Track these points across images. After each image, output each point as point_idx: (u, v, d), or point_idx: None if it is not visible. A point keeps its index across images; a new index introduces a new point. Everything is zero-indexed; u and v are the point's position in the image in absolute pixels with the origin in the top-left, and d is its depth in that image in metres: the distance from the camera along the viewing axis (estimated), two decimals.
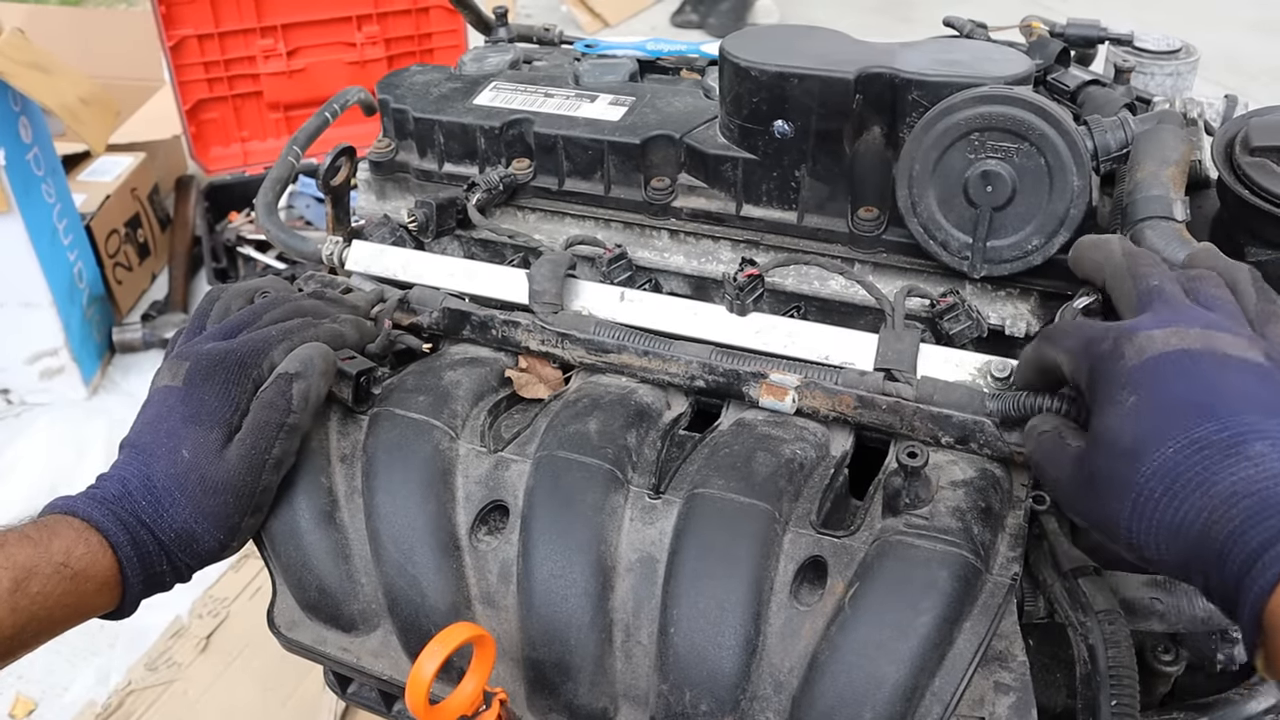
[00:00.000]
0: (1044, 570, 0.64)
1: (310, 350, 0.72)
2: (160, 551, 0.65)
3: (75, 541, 0.61)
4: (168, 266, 2.85)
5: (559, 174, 0.90)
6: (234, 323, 0.73)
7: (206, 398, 0.67)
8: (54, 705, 1.74)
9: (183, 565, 0.67)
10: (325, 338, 0.74)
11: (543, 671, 0.67)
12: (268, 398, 0.69)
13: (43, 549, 0.59)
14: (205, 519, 0.66)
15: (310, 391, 0.70)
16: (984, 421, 0.68)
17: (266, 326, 0.73)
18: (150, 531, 0.64)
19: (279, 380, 0.70)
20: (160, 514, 0.65)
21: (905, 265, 0.81)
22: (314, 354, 0.72)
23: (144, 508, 0.64)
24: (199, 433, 0.66)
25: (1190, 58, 1.01)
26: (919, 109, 0.74)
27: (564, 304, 0.81)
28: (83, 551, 0.61)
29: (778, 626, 0.64)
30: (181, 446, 0.66)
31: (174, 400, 0.68)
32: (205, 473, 0.66)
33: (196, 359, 0.69)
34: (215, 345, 0.70)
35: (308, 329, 0.74)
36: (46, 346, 2.36)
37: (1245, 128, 0.70)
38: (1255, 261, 0.68)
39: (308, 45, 2.89)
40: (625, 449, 0.71)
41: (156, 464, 0.65)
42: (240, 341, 0.71)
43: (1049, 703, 0.75)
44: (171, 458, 0.66)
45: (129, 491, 0.64)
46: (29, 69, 2.16)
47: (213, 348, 0.70)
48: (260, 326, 0.73)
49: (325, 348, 0.73)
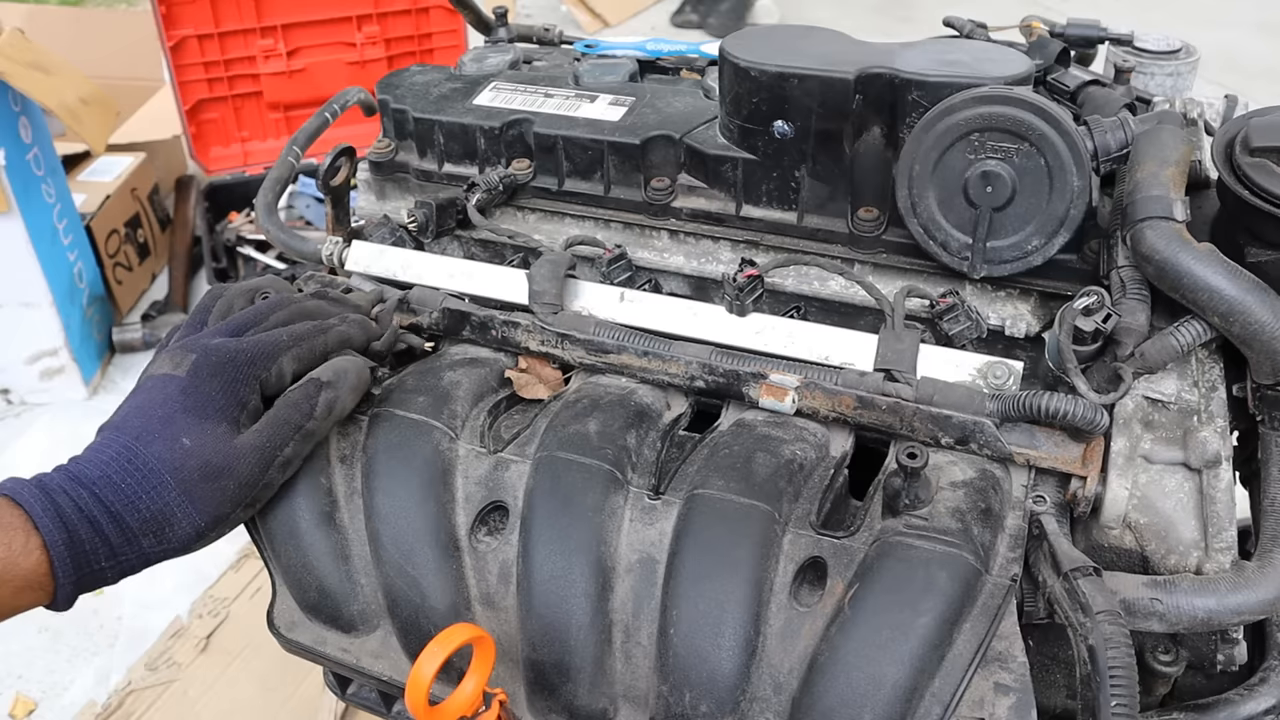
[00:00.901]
0: (1044, 571, 0.64)
1: (346, 363, 0.73)
2: (103, 545, 0.62)
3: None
4: (168, 266, 2.86)
5: (559, 174, 0.90)
6: (240, 321, 0.73)
7: (213, 392, 0.67)
8: (54, 705, 1.74)
9: (139, 555, 0.64)
10: (334, 342, 0.74)
11: (542, 672, 0.67)
12: (294, 398, 0.69)
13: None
14: (192, 503, 0.64)
15: (336, 403, 0.71)
16: (984, 422, 0.68)
17: (274, 329, 0.73)
18: (107, 521, 0.62)
19: (309, 384, 0.70)
20: (139, 496, 0.63)
21: (905, 266, 0.81)
22: (349, 367, 0.72)
23: (116, 491, 0.62)
24: (201, 423, 0.66)
25: (1190, 58, 1.01)
26: (919, 109, 0.74)
27: (564, 304, 0.81)
28: (3, 555, 0.59)
29: (777, 627, 0.64)
30: (181, 434, 0.65)
31: (173, 390, 0.67)
32: (208, 459, 0.65)
33: (205, 352, 0.69)
34: (224, 341, 0.70)
35: (317, 336, 0.73)
36: (46, 346, 2.36)
37: (1245, 128, 0.70)
38: (1255, 262, 0.68)
39: (308, 45, 2.88)
40: (625, 450, 0.71)
41: (150, 447, 0.64)
42: (251, 341, 0.70)
43: (1049, 703, 0.75)
44: (169, 444, 0.64)
45: (106, 475, 0.63)
46: (29, 69, 2.16)
47: (221, 343, 0.70)
48: (268, 327, 0.73)
49: (362, 362, 0.74)
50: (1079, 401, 0.65)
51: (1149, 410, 0.68)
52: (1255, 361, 0.66)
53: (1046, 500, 0.68)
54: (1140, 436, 0.67)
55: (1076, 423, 0.65)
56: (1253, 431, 0.71)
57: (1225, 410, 0.68)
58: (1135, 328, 0.67)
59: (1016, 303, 0.79)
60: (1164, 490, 0.66)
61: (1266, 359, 0.64)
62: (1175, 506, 0.66)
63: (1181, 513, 0.66)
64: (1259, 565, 0.64)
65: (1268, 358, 0.64)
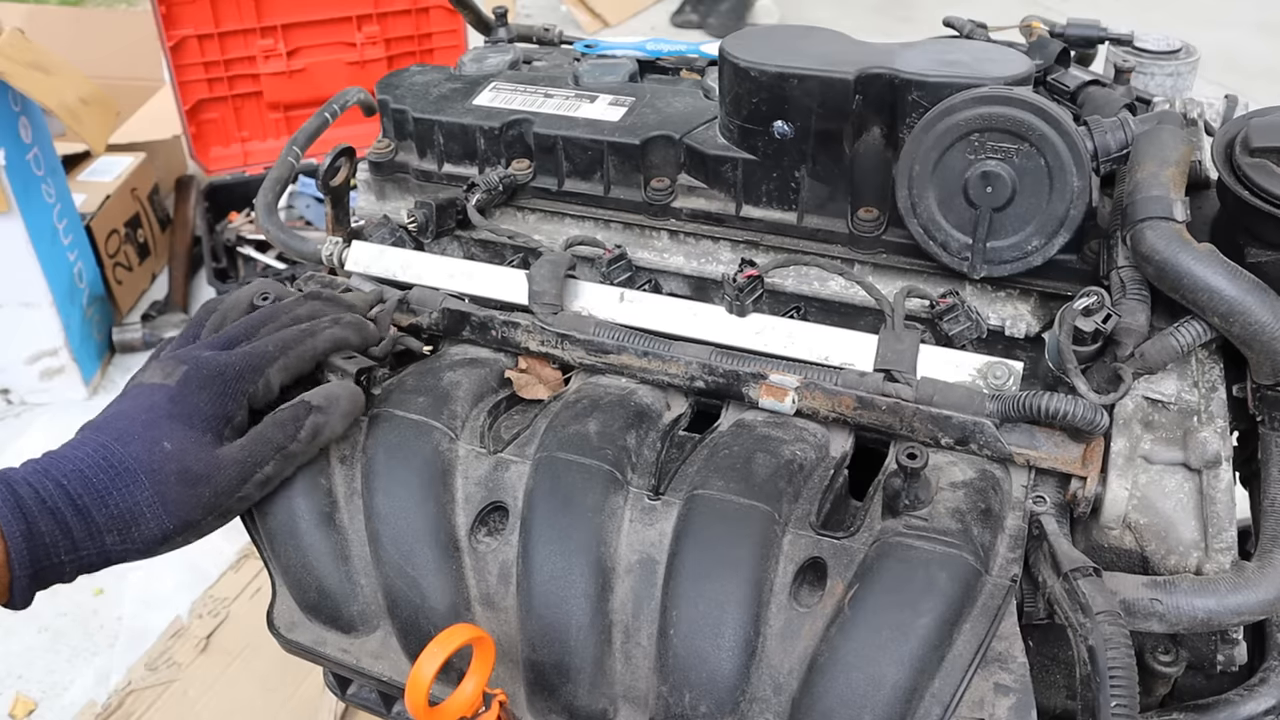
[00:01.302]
0: (1044, 571, 0.64)
1: (339, 389, 0.73)
2: (64, 538, 0.62)
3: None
4: (168, 266, 2.86)
5: (559, 174, 0.90)
6: (232, 334, 0.73)
7: (200, 404, 0.68)
8: (54, 705, 1.74)
9: (100, 551, 0.64)
10: (324, 345, 0.75)
11: (542, 673, 0.67)
12: (281, 417, 0.70)
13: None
14: (163, 505, 0.64)
15: (324, 429, 0.71)
16: (984, 422, 0.68)
17: (264, 339, 0.73)
18: (72, 514, 0.62)
19: (299, 406, 0.70)
20: (109, 491, 0.63)
21: (905, 266, 0.81)
22: (342, 394, 0.73)
23: (87, 485, 0.63)
24: (186, 431, 0.66)
25: (1190, 58, 1.01)
26: (919, 109, 0.74)
27: (564, 305, 0.81)
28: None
29: (777, 628, 0.64)
30: (164, 439, 0.65)
31: (160, 398, 0.67)
32: (187, 464, 0.65)
33: (195, 364, 0.69)
34: (214, 355, 0.70)
35: (305, 340, 0.74)
36: (46, 346, 2.36)
37: (1245, 128, 0.70)
38: (1255, 262, 0.68)
39: (308, 45, 2.88)
40: (625, 450, 0.71)
41: (128, 447, 0.65)
42: (238, 355, 0.71)
43: (1049, 703, 0.75)
44: (149, 447, 0.65)
45: (79, 470, 0.63)
46: (29, 69, 2.16)
47: (211, 357, 0.70)
48: (258, 339, 0.73)
49: (356, 390, 0.74)
50: (1079, 402, 0.65)
51: (1149, 410, 0.68)
52: (1255, 362, 0.66)
53: (1046, 500, 0.68)
54: (1140, 437, 0.67)
55: (1076, 423, 0.65)
56: (1253, 431, 0.71)
57: (1225, 410, 0.68)
58: (1135, 328, 0.67)
59: (1016, 303, 0.79)
60: (1164, 490, 0.66)
61: (1266, 359, 0.64)
62: (1175, 507, 0.66)
63: (1181, 513, 0.66)
64: (1259, 565, 0.64)
65: (1268, 358, 0.64)
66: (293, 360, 0.72)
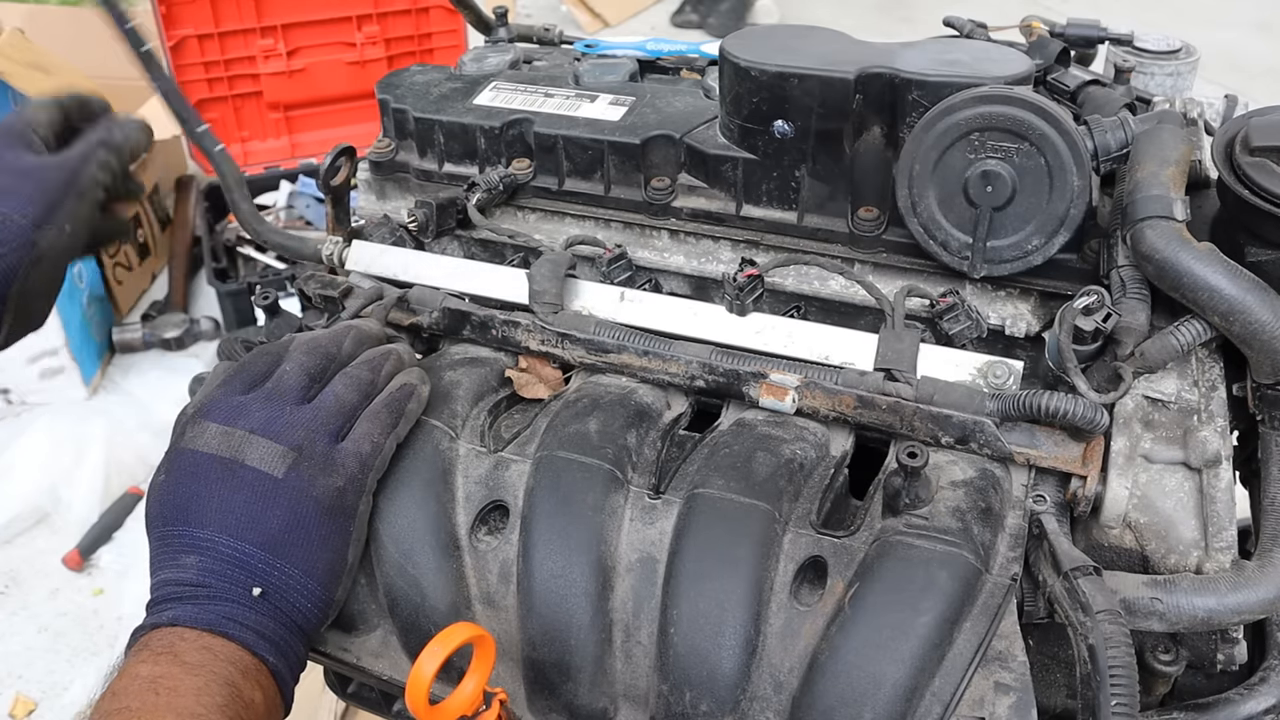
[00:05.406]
0: (1044, 570, 0.64)
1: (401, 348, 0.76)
2: (298, 637, 0.65)
3: (242, 683, 0.61)
4: (167, 266, 2.86)
5: (559, 174, 0.90)
6: (329, 415, 0.68)
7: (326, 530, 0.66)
8: (54, 705, 1.74)
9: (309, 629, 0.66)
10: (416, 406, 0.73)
11: (543, 672, 0.67)
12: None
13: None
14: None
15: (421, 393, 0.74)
16: (984, 421, 0.68)
17: (369, 440, 0.69)
18: (289, 628, 0.65)
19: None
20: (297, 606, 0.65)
21: (905, 265, 0.81)
22: (404, 352, 0.76)
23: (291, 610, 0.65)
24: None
25: (1190, 58, 1.01)
26: (919, 109, 0.74)
27: (564, 304, 0.81)
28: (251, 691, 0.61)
29: (778, 627, 0.64)
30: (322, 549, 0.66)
31: (285, 496, 0.64)
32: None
33: (304, 485, 0.65)
34: (327, 481, 0.66)
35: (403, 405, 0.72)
36: (46, 346, 2.36)
37: (1245, 128, 0.70)
38: (1255, 261, 0.68)
39: (308, 45, 2.88)
40: (625, 449, 0.71)
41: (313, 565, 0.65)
42: (349, 479, 0.67)
43: (1049, 703, 0.75)
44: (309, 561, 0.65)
45: (287, 605, 0.64)
46: (29, 69, 2.16)
47: (327, 485, 0.66)
48: (358, 426, 0.69)
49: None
50: (1079, 401, 0.65)
51: (1149, 410, 0.68)
52: (1255, 361, 0.66)
53: (1046, 500, 0.68)
54: (1140, 436, 0.67)
55: (1076, 422, 0.65)
56: (1253, 431, 0.71)
57: (1225, 410, 0.68)
58: (1135, 327, 0.67)
59: (1016, 302, 0.79)
60: (1164, 490, 0.66)
61: (1266, 358, 0.65)
62: (1175, 506, 0.66)
63: (1181, 512, 0.66)
64: (1259, 565, 0.64)
65: (1268, 357, 0.64)
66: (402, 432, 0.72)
